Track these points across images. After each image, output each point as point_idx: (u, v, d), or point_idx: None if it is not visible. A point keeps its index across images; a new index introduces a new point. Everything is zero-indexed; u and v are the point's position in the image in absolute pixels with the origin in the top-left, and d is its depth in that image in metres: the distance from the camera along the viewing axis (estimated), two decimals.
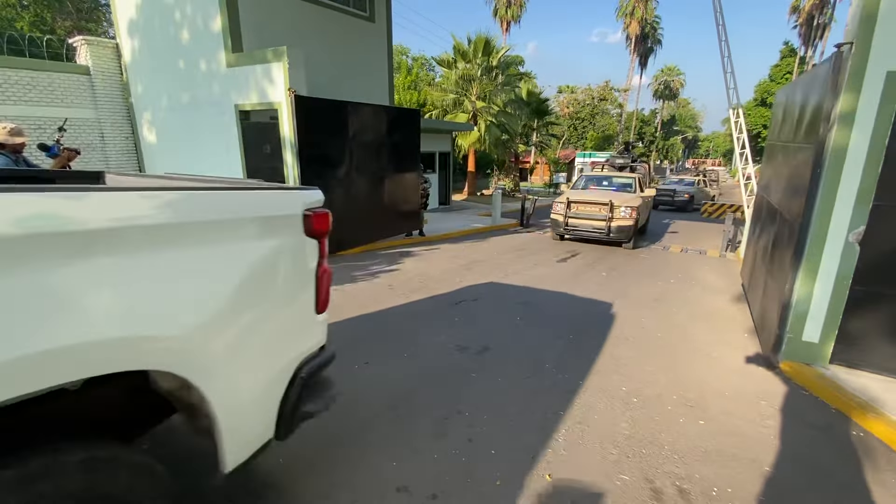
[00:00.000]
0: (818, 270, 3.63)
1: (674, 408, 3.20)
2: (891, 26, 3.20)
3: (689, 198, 17.28)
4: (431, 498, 2.26)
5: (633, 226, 8.67)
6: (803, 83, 4.59)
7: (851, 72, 3.32)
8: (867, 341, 3.59)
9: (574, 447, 2.71)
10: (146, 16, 9.16)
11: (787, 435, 2.93)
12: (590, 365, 3.83)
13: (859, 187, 3.41)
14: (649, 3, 39.57)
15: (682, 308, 5.45)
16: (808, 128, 3.93)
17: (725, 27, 9.49)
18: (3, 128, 4.22)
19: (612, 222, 8.70)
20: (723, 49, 9.35)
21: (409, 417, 2.95)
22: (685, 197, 17.32)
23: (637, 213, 8.75)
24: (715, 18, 9.31)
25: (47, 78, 8.95)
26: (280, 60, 6.75)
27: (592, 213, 8.95)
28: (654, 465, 2.58)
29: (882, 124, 3.29)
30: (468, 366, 3.73)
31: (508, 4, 34.44)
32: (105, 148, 10.00)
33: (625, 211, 8.70)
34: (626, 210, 8.70)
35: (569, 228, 9.18)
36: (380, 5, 10.51)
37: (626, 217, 8.68)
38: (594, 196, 9.33)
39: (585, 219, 9.01)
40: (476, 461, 2.54)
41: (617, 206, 8.72)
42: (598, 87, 43.62)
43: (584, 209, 9.07)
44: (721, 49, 9.35)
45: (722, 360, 4.03)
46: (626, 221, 8.68)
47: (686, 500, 2.31)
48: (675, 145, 56.08)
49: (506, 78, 19.90)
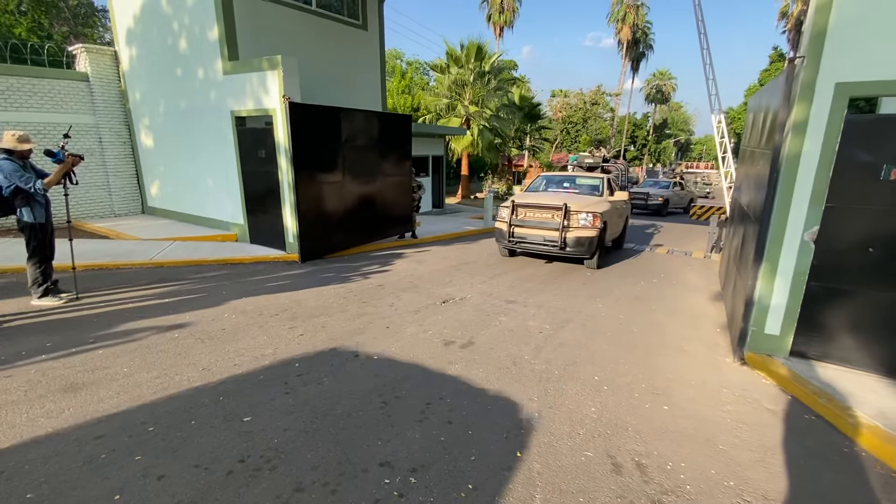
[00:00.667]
0: (777, 267, 3.90)
1: (641, 395, 3.45)
2: (839, 41, 3.47)
3: (664, 201, 16.88)
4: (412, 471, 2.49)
5: (595, 237, 7.04)
6: (766, 92, 4.88)
7: (803, 83, 3.60)
8: (823, 334, 3.85)
9: (545, 428, 2.95)
10: (144, 25, 9.40)
11: (741, 418, 3.18)
12: (566, 357, 4.08)
13: (813, 190, 3.68)
14: (640, 9, 40.14)
15: (661, 306, 5.71)
16: (769, 134, 4.21)
17: (707, 35, 9.82)
18: (12, 135, 4.45)
19: (567, 232, 7.07)
20: (704, 56, 9.68)
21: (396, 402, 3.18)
22: (659, 200, 16.91)
23: (601, 220, 7.13)
24: (697, 26, 9.64)
25: (48, 85, 9.17)
26: (275, 68, 6.99)
27: (543, 221, 7.28)
28: (617, 443, 2.83)
29: (832, 132, 3.56)
30: (451, 356, 3.97)
31: (501, 10, 34.88)
32: (103, 153, 10.20)
33: (585, 218, 7.05)
34: (586, 217, 7.05)
35: (515, 240, 7.53)
36: (372, 14, 10.79)
37: (586, 226, 7.05)
38: (546, 199, 7.66)
39: (535, 228, 7.34)
40: (454, 440, 2.78)
41: (574, 212, 7.10)
42: (590, 92, 44.10)
43: (534, 215, 7.42)
44: (703, 56, 9.68)
45: (692, 354, 4.29)
46: (587, 231, 7.04)
47: (642, 473, 2.56)
48: (667, 149, 56.64)
49: (498, 83, 20.24)
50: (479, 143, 19.25)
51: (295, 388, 3.36)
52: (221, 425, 2.85)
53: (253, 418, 2.94)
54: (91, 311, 4.76)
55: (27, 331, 4.23)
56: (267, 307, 5.12)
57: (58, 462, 2.45)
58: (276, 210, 7.72)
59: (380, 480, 2.41)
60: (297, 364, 3.75)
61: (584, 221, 7.07)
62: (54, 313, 4.67)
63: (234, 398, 3.18)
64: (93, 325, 4.39)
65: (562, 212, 7.05)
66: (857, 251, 3.60)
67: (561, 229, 7.02)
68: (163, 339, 4.16)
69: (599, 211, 7.16)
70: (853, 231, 3.61)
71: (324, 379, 3.51)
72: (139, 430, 2.77)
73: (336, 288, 5.99)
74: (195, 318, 4.69)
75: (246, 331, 4.42)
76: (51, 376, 3.39)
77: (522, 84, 33.78)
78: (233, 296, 5.47)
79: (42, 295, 4.87)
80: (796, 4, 34.10)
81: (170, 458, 2.53)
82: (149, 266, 6.67)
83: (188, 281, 6.06)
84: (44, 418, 2.85)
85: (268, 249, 7.92)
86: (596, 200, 7.73)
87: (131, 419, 2.88)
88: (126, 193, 10.77)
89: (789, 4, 35.32)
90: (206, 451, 2.60)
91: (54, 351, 3.81)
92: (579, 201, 7.47)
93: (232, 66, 7.74)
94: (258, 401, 3.16)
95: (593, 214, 7.08)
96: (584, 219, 7.08)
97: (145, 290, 5.54)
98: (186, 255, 7.21)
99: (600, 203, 7.61)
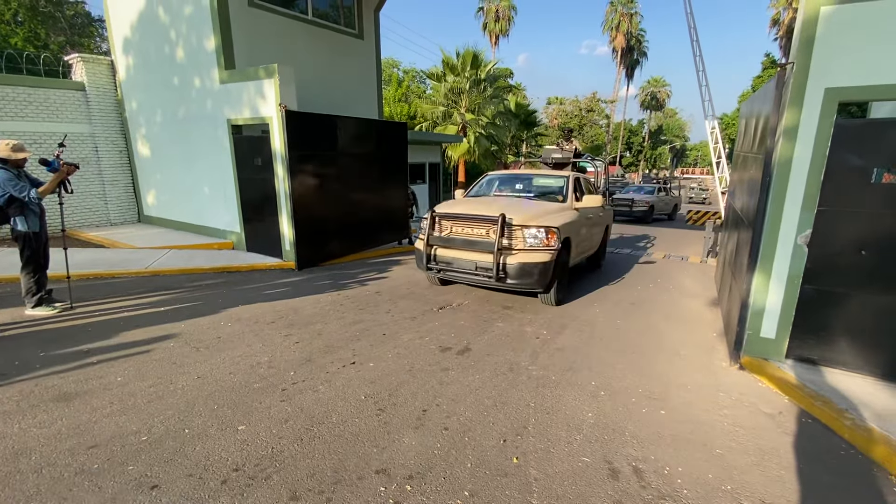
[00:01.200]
0: (771, 271, 3.92)
1: (638, 400, 3.45)
2: (828, 47, 3.52)
3: (649, 207, 16.24)
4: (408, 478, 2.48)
5: (549, 262, 5.10)
6: (757, 98, 4.94)
7: (793, 88, 3.65)
8: (818, 337, 3.87)
9: (542, 434, 2.94)
10: (141, 34, 9.44)
11: (738, 422, 3.18)
12: (563, 362, 4.07)
13: (805, 194, 3.71)
14: (634, 17, 40.61)
15: (657, 311, 5.72)
16: (761, 139, 4.25)
17: (699, 42, 9.94)
18: (7, 144, 4.45)
19: (508, 256, 5.10)
20: (697, 63, 9.79)
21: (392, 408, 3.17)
22: (644, 207, 16.19)
23: (560, 236, 5.21)
24: (689, 34, 9.76)
25: (43, 94, 9.18)
26: (271, 77, 7.03)
27: (474, 239, 5.32)
28: (614, 448, 2.82)
29: (822, 136, 3.60)
30: (447, 363, 3.95)
31: (497, 18, 35.24)
32: (99, 162, 10.20)
33: (535, 235, 5.13)
34: (536, 233, 5.13)
35: (437, 266, 5.56)
36: (368, 23, 10.87)
37: (536, 246, 5.11)
38: (480, 207, 5.58)
39: (463, 249, 5.37)
40: (450, 447, 2.76)
41: (519, 227, 5.16)
42: (585, 99, 44.44)
43: (462, 231, 5.46)
44: (696, 63, 9.79)
45: (689, 358, 4.29)
46: (536, 255, 5.08)
47: (639, 478, 2.55)
48: (662, 154, 57.03)
49: (494, 90, 20.40)
50: (476, 151, 19.36)
51: (290, 395, 3.34)
52: (216, 434, 2.83)
53: (248, 426, 2.92)
54: (85, 321, 4.73)
55: (21, 340, 4.20)
56: (263, 315, 5.10)
57: (49, 473, 2.43)
58: (272, 218, 7.72)
59: (376, 488, 2.39)
60: (292, 372, 3.73)
61: (533, 240, 5.15)
62: (48, 323, 4.64)
63: (229, 406, 3.16)
64: (87, 335, 4.36)
65: (497, 226, 5.07)
66: (850, 254, 3.63)
67: (496, 251, 5.01)
68: (157, 347, 4.13)
69: (556, 224, 5.25)
70: (846, 234, 3.64)
71: (319, 386, 3.49)
72: (132, 439, 2.75)
73: (333, 295, 5.98)
74: (190, 327, 4.66)
75: (241, 339, 4.40)
76: (44, 386, 3.36)
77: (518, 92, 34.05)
78: (229, 304, 5.45)
79: (36, 304, 4.84)
80: (787, 12, 34.57)
81: (163, 467, 2.51)
82: (144, 275, 6.64)
83: (184, 289, 6.04)
84: (36, 428, 2.83)
85: (264, 257, 7.90)
86: (554, 209, 5.82)
87: (125, 429, 2.86)
88: (122, 202, 10.75)
89: (780, 12, 35.80)
90: (200, 460, 2.58)
91: (48, 360, 3.78)
92: (528, 210, 5.48)
93: (228, 75, 7.77)
94: (253, 409, 3.14)
95: (547, 229, 5.15)
96: (534, 236, 5.16)
97: (140, 299, 5.52)
98: (182, 263, 7.19)
99: (560, 213, 5.71)
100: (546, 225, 5.23)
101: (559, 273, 5.44)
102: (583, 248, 6.52)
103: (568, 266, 5.90)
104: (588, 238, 6.70)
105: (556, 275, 5.32)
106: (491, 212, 5.28)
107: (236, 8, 7.91)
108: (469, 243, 5.35)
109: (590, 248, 7.03)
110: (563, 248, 5.45)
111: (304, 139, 7.07)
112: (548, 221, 5.30)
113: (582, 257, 6.71)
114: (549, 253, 5.14)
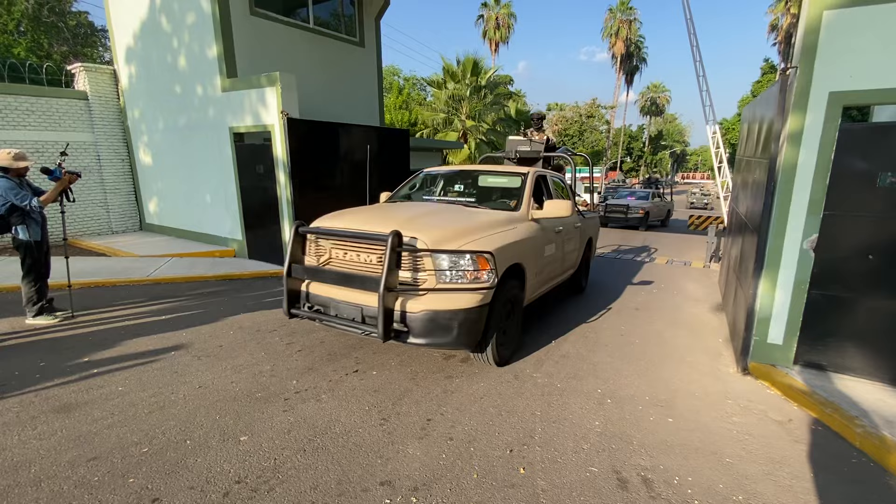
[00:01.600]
0: (778, 276, 3.89)
1: (645, 407, 3.40)
2: (831, 51, 3.51)
3: (644, 214, 15.21)
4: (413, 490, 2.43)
5: (478, 309, 3.45)
6: (760, 102, 4.93)
7: (797, 93, 3.63)
8: (826, 343, 3.82)
9: (548, 443, 2.89)
10: (144, 43, 9.50)
11: (747, 429, 3.13)
12: (568, 369, 4.03)
13: (810, 198, 3.68)
14: (633, 23, 40.85)
15: (662, 316, 5.68)
16: (765, 143, 4.23)
17: (699, 47, 9.97)
18: (8, 153, 4.44)
19: (409, 300, 3.38)
20: (698, 69, 9.81)
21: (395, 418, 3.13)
22: (639, 213, 15.15)
23: (494, 268, 3.49)
24: (689, 39, 9.78)
25: (46, 103, 9.22)
26: (273, 85, 7.05)
27: (358, 269, 3.63)
28: (622, 458, 2.77)
29: (827, 140, 3.58)
30: (450, 371, 3.91)
31: (497, 26, 35.48)
32: (101, 170, 10.23)
33: (453, 266, 3.41)
34: (455, 263, 3.41)
35: (306, 309, 3.85)
36: (369, 31, 10.93)
37: (455, 283, 3.41)
38: (369, 220, 3.84)
39: (341, 284, 3.61)
40: (456, 457, 2.72)
41: (425, 253, 3.39)
42: (585, 105, 44.61)
43: (344, 257, 3.74)
44: (696, 68, 9.81)
45: (695, 365, 4.25)
46: (457, 299, 3.39)
47: (649, 488, 2.50)
48: (663, 159, 57.14)
49: (494, 97, 20.49)
50: (477, 157, 19.39)
51: (293, 405, 3.30)
52: (218, 445, 2.79)
53: (250, 437, 2.88)
54: (86, 330, 4.70)
55: (21, 350, 4.17)
56: (265, 323, 5.06)
57: (49, 486, 2.39)
58: (274, 225, 7.70)
59: (381, 500, 2.35)
60: (295, 381, 3.69)
61: (452, 273, 3.39)
62: (49, 332, 4.62)
63: (231, 417, 3.12)
64: (88, 344, 4.33)
65: (386, 251, 3.23)
66: (858, 258, 3.59)
67: (382, 292, 3.17)
68: (159, 356, 4.10)
69: (491, 248, 3.51)
70: (852, 239, 3.61)
71: (322, 395, 3.45)
72: (133, 451, 2.71)
73: None
74: (192, 335, 4.63)
75: (244, 347, 4.37)
76: (44, 396, 3.32)
77: (518, 98, 34.18)
78: (230, 312, 5.42)
79: (37, 314, 4.81)
80: (785, 17, 34.76)
81: (164, 479, 2.47)
82: (146, 283, 6.62)
83: (185, 297, 6.01)
84: (36, 440, 2.79)
85: (266, 265, 7.88)
86: (496, 221, 4.02)
87: (125, 440, 2.82)
88: (124, 210, 10.75)
89: (779, 18, 36.00)
90: (202, 471, 2.54)
91: (48, 370, 3.74)
92: (447, 225, 3.73)
93: (231, 83, 7.80)
94: (255, 419, 3.10)
95: (475, 256, 3.41)
96: (454, 266, 3.39)
97: (142, 308, 5.49)
98: (184, 271, 7.17)
99: (504, 228, 3.97)
100: (473, 249, 3.39)
101: (502, 318, 3.78)
102: (549, 273, 4.87)
103: (522, 304, 4.22)
104: (556, 260, 5.02)
105: (494, 323, 3.64)
106: (386, 227, 3.38)
107: (238, 16, 7.95)
108: (349, 279, 3.51)
109: (561, 272, 5.35)
110: (512, 279, 3.87)
111: (306, 146, 7.07)
112: (476, 244, 3.47)
113: (548, 287, 5.10)
114: (478, 293, 3.41)
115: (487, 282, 3.47)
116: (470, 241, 3.52)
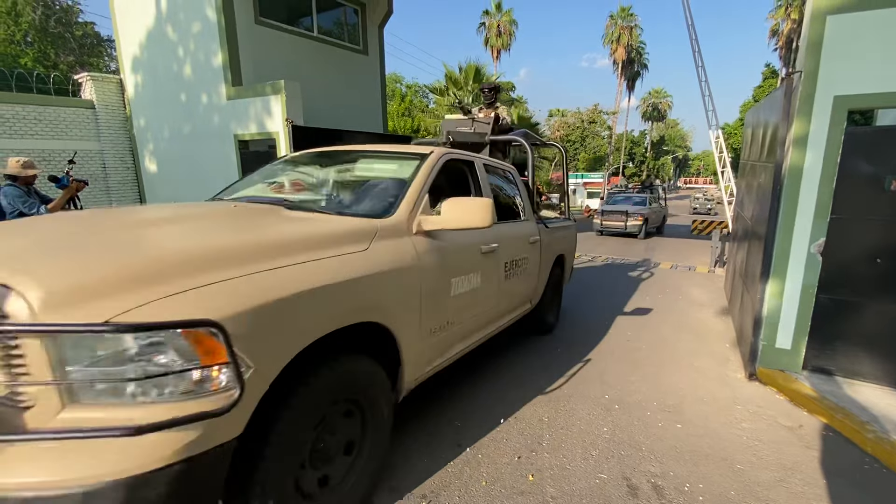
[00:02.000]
0: (785, 280, 3.87)
1: (653, 413, 3.38)
2: (836, 54, 3.51)
3: (643, 221, 14.52)
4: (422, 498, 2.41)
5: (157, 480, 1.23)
6: (764, 106, 4.93)
7: (802, 97, 3.63)
8: (835, 347, 3.79)
9: (557, 450, 2.87)
10: (150, 52, 9.60)
11: (757, 436, 3.10)
12: (575, 375, 4.00)
13: (817, 203, 3.67)
14: (634, 30, 41.05)
15: (668, 321, 5.65)
16: (770, 148, 4.23)
17: (701, 53, 10.00)
18: (17, 161, 4.48)
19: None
20: (700, 74, 9.84)
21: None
22: (639, 220, 14.39)
23: (234, 361, 1.33)
24: (691, 45, 9.83)
25: (53, 112, 9.32)
26: (278, 93, 7.11)
27: None
28: (631, 464, 2.75)
29: (833, 144, 3.57)
30: (459, 378, 3.90)
31: (499, 33, 35.70)
32: (107, 178, 10.30)
33: (103, 360, 1.22)
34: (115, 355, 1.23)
35: None
36: (372, 39, 11.02)
37: (139, 398, 1.25)
38: None
39: None
40: (464, 464, 2.70)
41: (26, 337, 1.20)
42: (587, 111, 44.73)
43: None
44: (698, 74, 9.84)
45: (702, 370, 4.22)
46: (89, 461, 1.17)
47: (659, 495, 2.47)
48: (665, 165, 57.16)
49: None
50: None
51: None
52: None
53: None
54: None
55: None
56: None
57: None
58: None
59: None
60: None
61: (101, 376, 1.26)
62: None
63: None
64: None
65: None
66: (866, 262, 3.58)
67: None
68: None
69: (220, 310, 1.38)
70: (860, 242, 3.59)
71: None
72: None
73: None
74: None
75: None
76: None
77: (520, 104, 34.30)
78: None
79: None
80: (786, 23, 34.88)
81: None
82: None
83: None
84: None
85: None
86: (305, 241, 1.95)
87: None
88: None
89: (779, 23, 36.13)
90: None
91: None
92: (120, 251, 1.61)
93: (236, 91, 7.87)
94: None
95: (172, 333, 1.29)
96: (111, 356, 1.26)
97: None
98: None
99: (312, 258, 1.85)
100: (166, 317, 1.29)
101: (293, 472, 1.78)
102: (472, 321, 3.14)
103: (386, 417, 2.31)
104: (487, 297, 3.27)
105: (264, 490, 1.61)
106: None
107: (243, 25, 8.04)
108: None
109: (501, 314, 3.67)
110: (347, 364, 2.01)
111: None
112: (183, 298, 1.37)
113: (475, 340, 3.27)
114: (187, 429, 1.31)
115: (222, 392, 1.37)
116: (173, 288, 1.39)
